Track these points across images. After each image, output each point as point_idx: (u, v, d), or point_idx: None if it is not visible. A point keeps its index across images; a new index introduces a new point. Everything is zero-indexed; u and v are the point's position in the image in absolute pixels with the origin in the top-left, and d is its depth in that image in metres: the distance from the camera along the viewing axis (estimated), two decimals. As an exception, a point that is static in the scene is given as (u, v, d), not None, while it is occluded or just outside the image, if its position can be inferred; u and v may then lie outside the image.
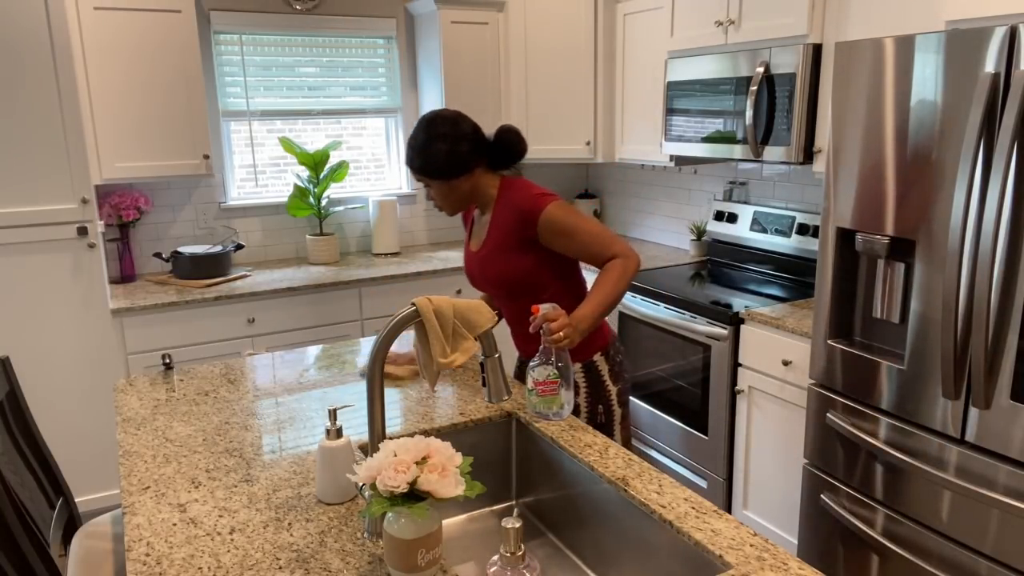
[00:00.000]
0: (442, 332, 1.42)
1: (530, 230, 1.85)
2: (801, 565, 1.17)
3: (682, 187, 3.86)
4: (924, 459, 1.98)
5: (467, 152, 1.85)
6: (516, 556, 1.11)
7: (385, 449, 1.13)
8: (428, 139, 1.83)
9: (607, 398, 1.97)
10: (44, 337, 2.95)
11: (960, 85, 1.79)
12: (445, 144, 1.82)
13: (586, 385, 1.95)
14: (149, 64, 3.15)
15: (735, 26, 2.85)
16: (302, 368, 2.13)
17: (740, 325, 2.72)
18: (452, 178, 1.86)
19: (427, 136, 1.83)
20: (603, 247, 1.84)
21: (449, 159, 1.83)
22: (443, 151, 1.82)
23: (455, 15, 3.67)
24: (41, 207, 2.87)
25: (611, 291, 1.79)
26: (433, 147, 1.82)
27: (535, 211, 1.84)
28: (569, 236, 1.84)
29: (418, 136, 1.85)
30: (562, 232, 1.84)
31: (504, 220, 1.90)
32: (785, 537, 2.68)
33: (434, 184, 1.88)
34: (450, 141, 1.82)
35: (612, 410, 1.97)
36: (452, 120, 1.85)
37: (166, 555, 1.24)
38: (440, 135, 1.82)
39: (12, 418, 1.81)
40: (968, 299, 1.82)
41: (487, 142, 1.91)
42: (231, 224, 3.76)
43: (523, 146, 1.95)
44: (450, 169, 1.84)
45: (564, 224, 1.84)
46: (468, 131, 1.86)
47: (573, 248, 1.85)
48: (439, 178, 1.86)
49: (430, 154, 1.82)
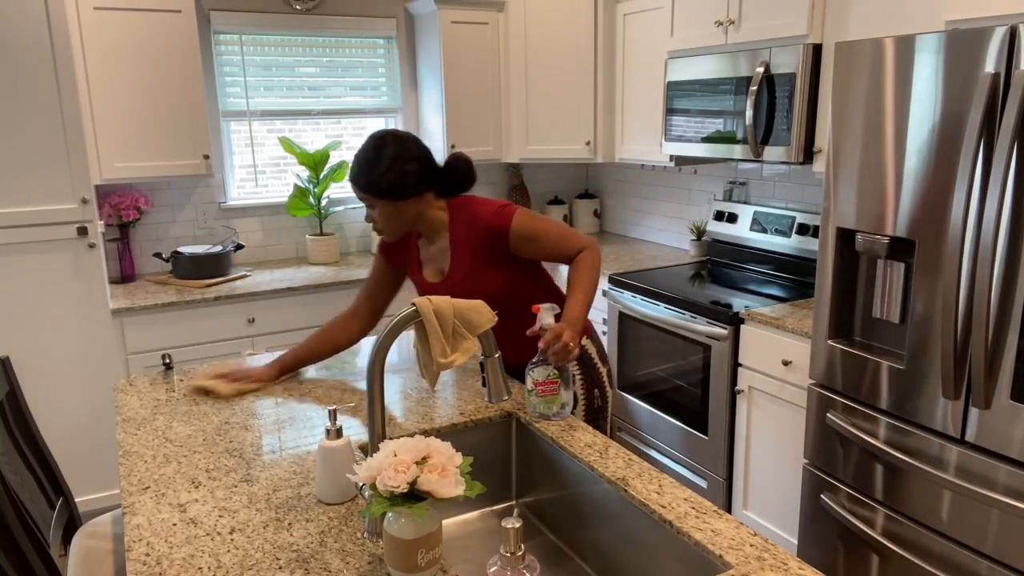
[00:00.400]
0: (442, 332, 1.42)
1: (501, 243, 1.85)
2: (801, 565, 1.17)
3: (682, 187, 3.86)
4: (924, 459, 1.98)
5: (416, 174, 1.79)
6: (516, 556, 1.11)
7: (385, 449, 1.13)
8: (378, 158, 1.76)
9: (600, 380, 2.02)
10: (44, 337, 2.95)
11: (960, 85, 1.79)
12: (396, 164, 1.76)
13: (580, 372, 1.97)
14: (149, 64, 3.15)
15: (735, 26, 2.85)
16: (302, 368, 2.13)
17: (740, 325, 2.72)
18: (400, 200, 1.79)
19: (377, 155, 1.76)
20: (569, 244, 1.88)
21: (399, 179, 1.76)
22: (394, 171, 1.75)
23: (455, 15, 3.67)
24: (41, 207, 2.87)
25: (590, 284, 1.84)
26: (383, 166, 1.75)
27: (504, 224, 1.83)
28: (537, 240, 1.86)
29: (367, 154, 1.78)
30: (531, 237, 1.85)
31: (470, 242, 1.87)
32: (785, 537, 2.68)
33: (379, 205, 1.80)
34: (401, 161, 1.76)
35: (606, 392, 2.01)
36: (404, 140, 1.80)
37: (166, 555, 1.24)
38: (391, 155, 1.76)
39: (12, 418, 1.81)
40: (968, 299, 1.82)
41: (437, 168, 1.86)
42: (231, 224, 3.76)
43: (473, 175, 1.90)
44: (399, 190, 1.77)
45: (532, 230, 1.85)
46: (419, 153, 1.80)
47: (542, 251, 1.88)
48: (387, 198, 1.78)
49: (379, 173, 1.76)
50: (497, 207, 1.86)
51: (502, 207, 1.86)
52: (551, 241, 1.87)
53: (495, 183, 4.35)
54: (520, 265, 1.93)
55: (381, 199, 1.79)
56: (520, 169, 4.34)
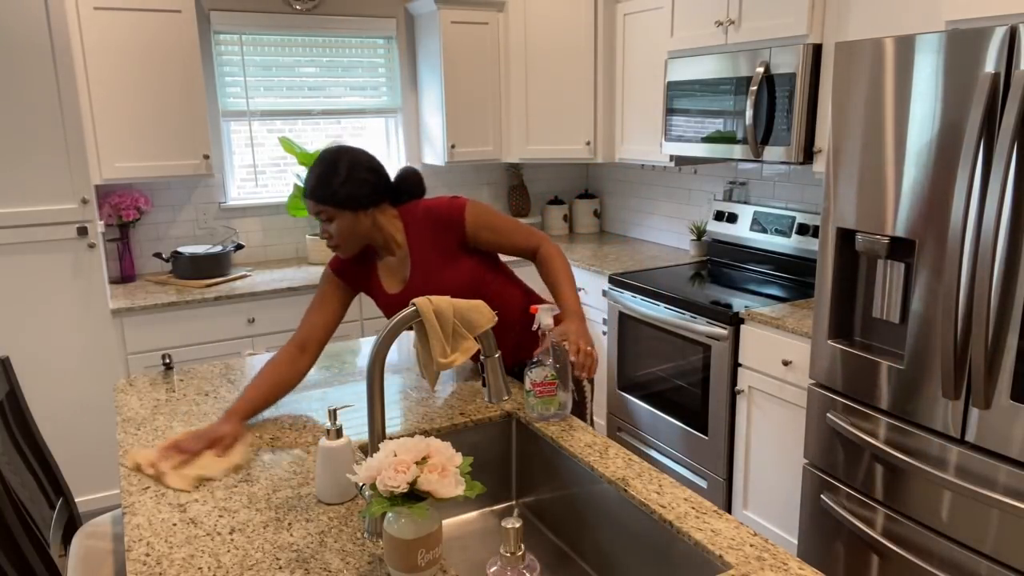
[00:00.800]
0: (442, 332, 1.42)
1: (458, 232, 1.86)
2: (801, 565, 1.17)
3: (682, 187, 3.86)
4: (924, 459, 1.98)
5: (373, 183, 1.80)
6: (516, 556, 1.11)
7: (385, 449, 1.13)
8: (335, 168, 1.76)
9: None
10: (44, 337, 2.95)
11: (960, 85, 1.79)
12: (355, 174, 1.77)
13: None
14: (149, 64, 3.15)
15: (735, 26, 2.85)
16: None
17: (740, 325, 2.72)
18: (359, 210, 1.79)
19: (334, 166, 1.77)
20: (526, 236, 1.92)
21: (358, 189, 1.77)
22: (353, 180, 1.76)
23: (455, 15, 3.67)
24: (41, 207, 2.87)
25: (571, 275, 1.87)
26: (341, 175, 1.76)
27: (458, 212, 1.85)
28: (494, 229, 1.88)
29: (324, 166, 1.77)
30: (487, 225, 1.87)
31: (426, 240, 1.87)
32: (785, 537, 2.68)
33: (338, 217, 1.78)
34: (360, 171, 1.78)
35: (583, 386, 2.00)
36: (359, 152, 1.82)
37: (166, 555, 1.24)
38: (349, 164, 1.77)
39: (12, 418, 1.81)
40: (968, 299, 1.82)
41: (389, 179, 1.87)
42: (231, 224, 3.76)
43: (423, 186, 1.94)
44: (358, 200, 1.77)
45: (487, 217, 1.88)
46: (374, 164, 1.82)
47: (499, 240, 1.90)
48: (346, 208, 1.77)
49: (339, 183, 1.75)
50: (448, 199, 1.88)
51: (453, 198, 1.88)
52: (507, 231, 1.90)
53: (495, 183, 4.35)
54: (480, 257, 1.93)
55: (341, 210, 1.78)
56: (520, 169, 4.34)
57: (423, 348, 1.46)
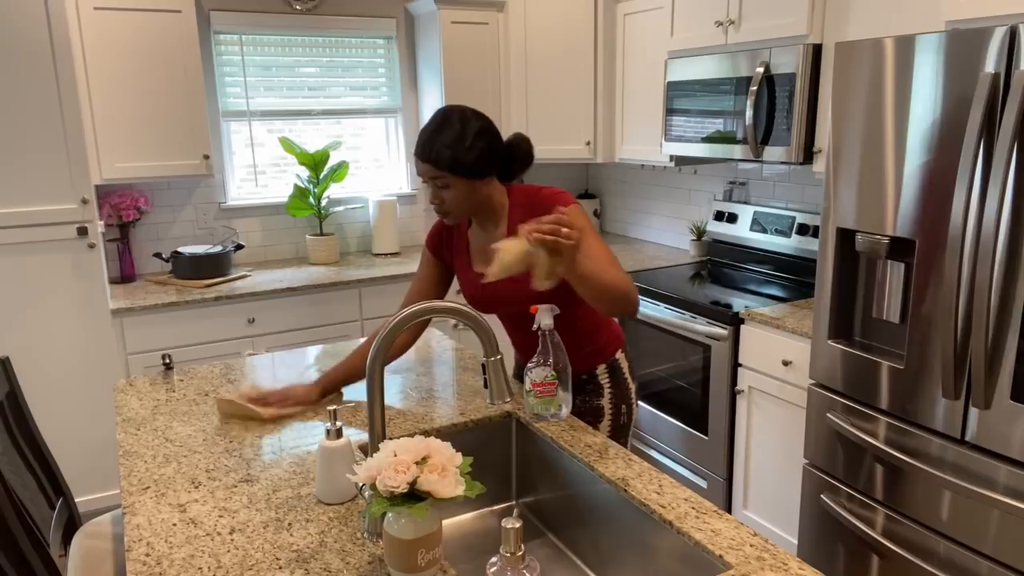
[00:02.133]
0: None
1: None
2: (801, 565, 1.17)
3: (682, 187, 3.86)
4: (924, 459, 1.98)
5: (499, 153, 1.68)
6: (516, 556, 1.11)
7: (385, 449, 1.13)
8: (464, 132, 1.63)
9: (628, 396, 1.91)
10: (44, 337, 2.95)
11: (960, 85, 1.79)
12: (482, 140, 1.64)
13: (610, 385, 1.88)
14: (149, 64, 3.15)
15: (735, 26, 2.85)
16: (302, 368, 2.13)
17: (740, 325, 2.72)
18: (480, 178, 1.67)
19: (463, 128, 1.63)
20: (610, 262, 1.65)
21: (485, 156, 1.65)
22: (480, 147, 1.64)
23: (455, 15, 3.67)
24: (41, 207, 2.87)
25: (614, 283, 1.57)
26: (468, 141, 1.62)
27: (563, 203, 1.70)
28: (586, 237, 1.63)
29: (451, 126, 1.63)
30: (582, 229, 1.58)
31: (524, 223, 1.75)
32: (785, 537, 2.68)
33: (457, 183, 1.66)
34: (486, 138, 1.65)
35: (632, 409, 1.92)
36: (485, 118, 1.69)
37: (166, 555, 1.24)
38: (477, 130, 1.64)
39: (12, 418, 1.81)
40: (968, 299, 1.82)
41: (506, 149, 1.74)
42: (231, 224, 3.76)
43: (532, 156, 1.78)
44: (484, 167, 1.65)
45: (584, 223, 1.68)
46: (495, 130, 1.70)
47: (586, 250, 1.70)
48: (469, 176, 1.65)
49: (465, 148, 1.62)
50: (559, 190, 1.76)
51: (563, 191, 1.75)
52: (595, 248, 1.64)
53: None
54: None
55: (460, 177, 1.65)
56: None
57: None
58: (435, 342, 2.36)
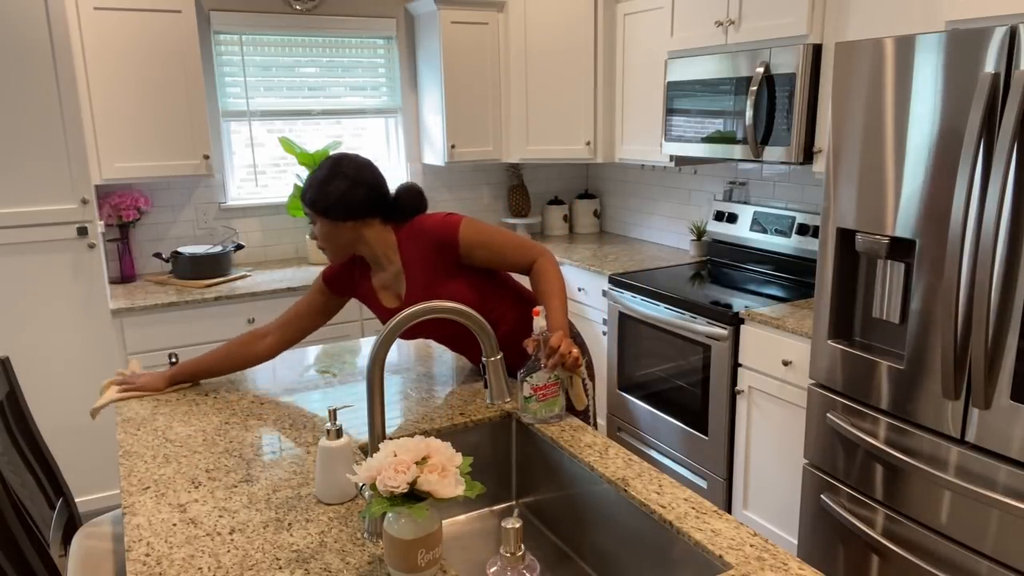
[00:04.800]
0: None
1: (452, 252, 1.82)
2: (801, 565, 1.17)
3: (682, 187, 3.86)
4: (924, 459, 1.98)
5: (362, 199, 1.79)
6: (516, 556, 1.11)
7: (385, 449, 1.13)
8: (329, 176, 1.78)
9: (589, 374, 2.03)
10: (44, 337, 2.95)
11: (960, 85, 1.79)
12: (343, 184, 1.77)
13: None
14: (149, 64, 3.15)
15: (735, 26, 2.85)
16: (302, 368, 2.13)
17: (740, 325, 2.72)
18: (338, 220, 1.79)
19: (329, 173, 1.78)
20: (521, 252, 1.88)
21: (341, 199, 1.77)
22: (338, 189, 1.77)
23: (455, 15, 3.67)
24: (41, 207, 2.87)
25: (561, 290, 1.84)
26: (331, 185, 1.77)
27: (452, 232, 1.82)
28: (488, 247, 1.84)
29: (321, 171, 1.80)
30: (481, 244, 1.84)
31: (420, 258, 1.85)
32: (785, 537, 2.68)
33: (319, 222, 1.81)
34: (348, 183, 1.77)
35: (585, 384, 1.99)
36: (359, 165, 1.81)
37: (166, 555, 1.24)
38: (341, 174, 1.78)
39: (12, 418, 1.81)
40: (968, 299, 1.82)
41: (387, 197, 1.85)
42: (231, 224, 3.76)
43: (422, 205, 1.90)
44: (339, 210, 1.78)
45: (481, 236, 1.84)
46: (370, 180, 1.81)
47: (494, 258, 1.86)
48: (326, 216, 1.79)
49: (325, 191, 1.77)
50: (442, 217, 1.85)
51: (447, 216, 1.85)
52: (502, 247, 1.86)
53: (495, 183, 4.35)
54: (478, 273, 1.90)
55: (321, 217, 1.80)
56: (520, 169, 4.34)
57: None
58: (435, 342, 2.36)
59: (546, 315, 1.84)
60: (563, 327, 1.77)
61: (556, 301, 1.82)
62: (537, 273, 1.88)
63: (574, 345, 1.68)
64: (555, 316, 1.80)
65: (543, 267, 1.88)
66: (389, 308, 1.92)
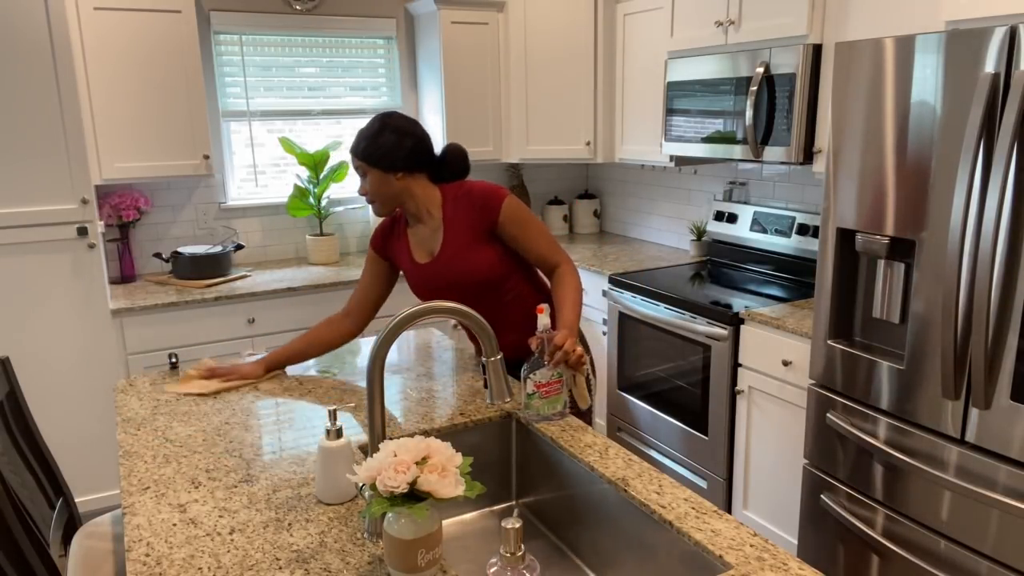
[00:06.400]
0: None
1: (492, 216, 1.91)
2: (801, 565, 1.17)
3: (682, 187, 3.86)
4: (924, 459, 1.98)
5: (410, 150, 1.88)
6: (516, 556, 1.11)
7: (385, 449, 1.13)
8: (380, 128, 1.87)
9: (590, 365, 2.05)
10: (44, 337, 2.95)
11: (960, 85, 1.79)
12: (393, 136, 1.86)
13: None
14: (149, 64, 3.15)
15: (735, 26, 2.85)
16: (302, 368, 2.13)
17: (740, 325, 2.72)
18: (389, 171, 1.88)
19: (380, 125, 1.88)
20: (551, 249, 1.96)
21: (392, 150, 1.86)
22: (389, 141, 1.86)
23: (455, 15, 3.67)
24: (41, 207, 2.87)
25: (579, 300, 1.90)
26: (382, 137, 1.86)
27: (498, 199, 1.91)
28: (523, 226, 1.92)
29: (372, 125, 1.89)
30: (518, 221, 1.92)
31: (462, 218, 1.93)
32: (785, 537, 2.68)
33: (371, 173, 1.90)
34: (398, 135, 1.87)
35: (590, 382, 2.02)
36: (408, 120, 1.91)
37: (166, 555, 1.24)
38: (392, 127, 1.87)
39: (12, 418, 1.81)
40: (968, 299, 1.82)
41: (432, 153, 1.95)
42: (231, 224, 3.76)
43: (467, 165, 2.00)
44: (390, 161, 1.87)
45: (521, 214, 1.92)
46: (419, 134, 1.91)
47: (525, 241, 1.93)
48: (377, 167, 1.88)
49: (376, 142, 1.86)
50: (494, 185, 1.95)
51: (498, 186, 1.94)
52: (536, 235, 1.93)
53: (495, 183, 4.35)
54: (508, 250, 1.97)
55: (372, 167, 1.88)
56: (520, 169, 4.34)
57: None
58: (435, 342, 2.36)
59: (558, 315, 1.86)
60: (571, 327, 1.81)
61: (571, 304, 1.88)
62: (560, 276, 1.94)
63: (579, 344, 1.69)
64: (566, 316, 1.84)
65: (567, 271, 1.95)
66: (420, 263, 2.00)
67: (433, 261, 1.96)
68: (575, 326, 1.83)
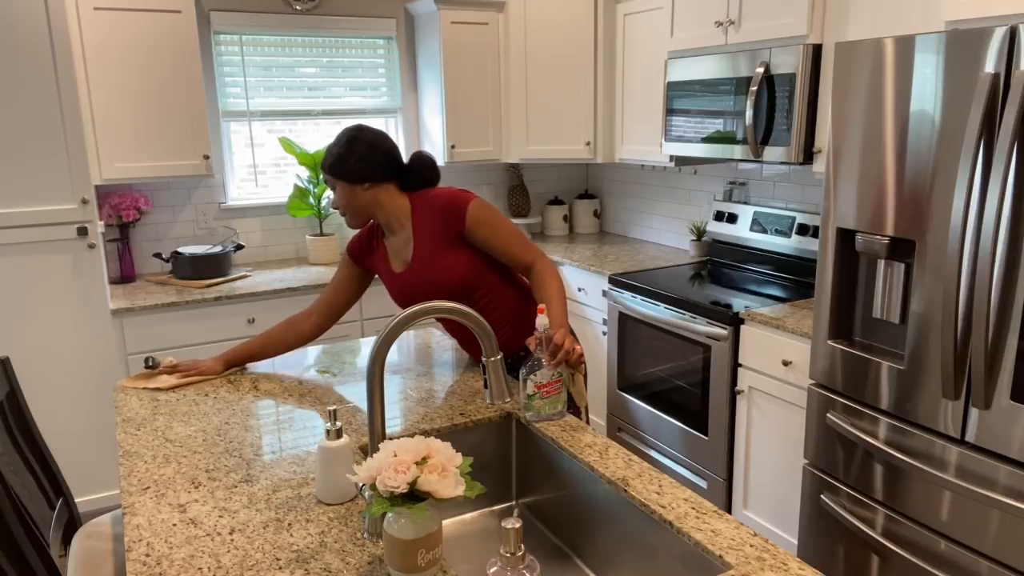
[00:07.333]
0: None
1: (458, 223, 1.91)
2: (801, 565, 1.17)
3: (682, 187, 3.86)
4: (924, 459, 1.98)
5: (378, 163, 1.90)
6: (516, 556, 1.11)
7: (385, 449, 1.13)
8: (347, 141, 1.90)
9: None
10: (44, 337, 2.95)
11: (960, 85, 1.79)
12: (360, 149, 1.89)
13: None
14: (149, 64, 3.15)
15: (735, 26, 2.85)
16: (302, 368, 2.13)
17: (740, 325, 2.72)
18: (355, 182, 1.90)
19: (347, 139, 1.90)
20: (523, 248, 1.95)
21: (358, 163, 1.88)
22: (356, 154, 1.88)
23: (455, 15, 3.67)
24: (41, 207, 2.87)
25: (562, 292, 1.91)
26: (346, 149, 1.89)
27: (462, 203, 1.91)
28: (493, 228, 1.92)
29: (339, 138, 1.92)
30: (486, 223, 1.91)
31: (429, 225, 1.93)
32: (785, 537, 2.68)
33: (339, 185, 1.92)
34: (365, 148, 1.89)
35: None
36: (375, 132, 1.93)
37: (166, 555, 1.24)
38: (359, 139, 1.90)
39: (12, 418, 1.81)
40: (968, 299, 1.82)
41: (401, 163, 1.96)
42: (231, 224, 3.76)
43: (435, 174, 2.00)
44: (356, 173, 1.89)
45: (488, 216, 1.92)
46: (385, 146, 1.92)
47: (496, 242, 1.93)
48: (343, 178, 1.90)
49: (343, 155, 1.89)
50: (458, 190, 1.95)
51: (463, 190, 1.95)
52: (505, 236, 1.93)
53: (495, 183, 4.35)
54: (483, 255, 1.97)
55: (338, 179, 1.91)
56: (520, 169, 4.34)
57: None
58: (435, 342, 2.36)
59: (547, 315, 1.86)
60: (564, 325, 1.82)
61: (557, 302, 1.88)
62: (539, 275, 1.94)
63: (577, 342, 1.69)
64: (556, 314, 1.85)
65: (544, 269, 1.94)
66: (397, 273, 2.01)
67: (407, 270, 1.98)
68: (566, 323, 1.84)
